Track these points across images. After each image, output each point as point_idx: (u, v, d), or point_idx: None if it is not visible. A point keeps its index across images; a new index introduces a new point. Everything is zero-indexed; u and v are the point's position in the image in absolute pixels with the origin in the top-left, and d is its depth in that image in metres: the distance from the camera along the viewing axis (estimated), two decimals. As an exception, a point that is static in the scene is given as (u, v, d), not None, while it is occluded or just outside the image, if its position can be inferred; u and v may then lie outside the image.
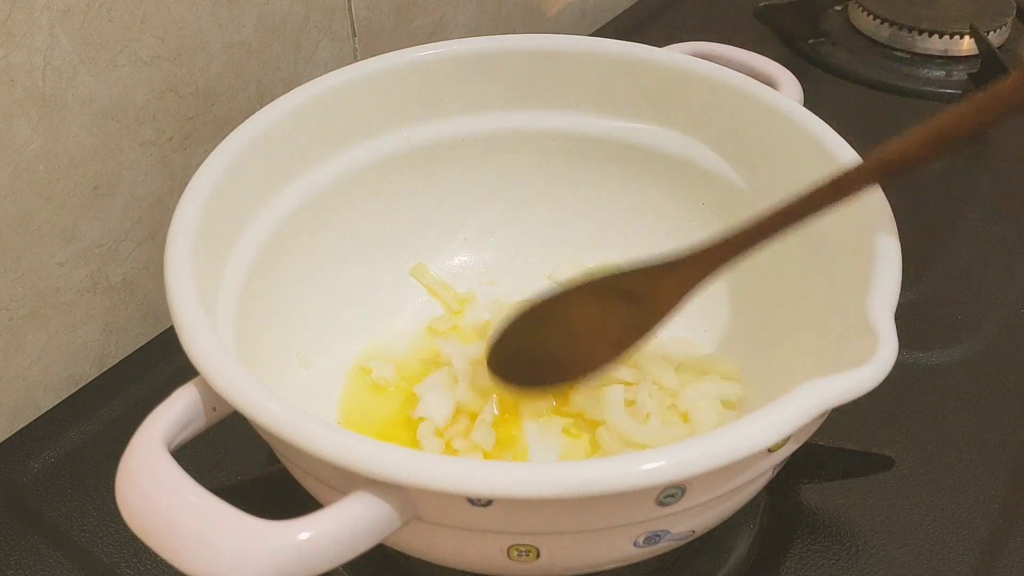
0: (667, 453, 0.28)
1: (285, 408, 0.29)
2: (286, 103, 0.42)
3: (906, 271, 0.34)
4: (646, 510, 0.30)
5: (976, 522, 0.41)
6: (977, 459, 0.43)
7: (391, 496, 0.28)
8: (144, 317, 0.50)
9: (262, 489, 0.40)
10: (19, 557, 0.40)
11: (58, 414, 0.46)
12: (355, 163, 0.46)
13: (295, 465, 0.33)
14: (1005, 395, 0.46)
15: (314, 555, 0.27)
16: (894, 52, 0.69)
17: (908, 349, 0.32)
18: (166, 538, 0.28)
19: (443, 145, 0.48)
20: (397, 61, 0.45)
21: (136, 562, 0.40)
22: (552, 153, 0.49)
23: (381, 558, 0.36)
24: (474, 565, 0.33)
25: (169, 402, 0.31)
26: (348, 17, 0.54)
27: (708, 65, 0.45)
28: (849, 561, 0.40)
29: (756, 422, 0.29)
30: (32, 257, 0.43)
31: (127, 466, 0.29)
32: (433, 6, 0.60)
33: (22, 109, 0.40)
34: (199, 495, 0.28)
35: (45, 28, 0.40)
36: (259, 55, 0.49)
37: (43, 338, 0.45)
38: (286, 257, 0.43)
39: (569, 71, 0.47)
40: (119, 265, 0.47)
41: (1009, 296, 0.51)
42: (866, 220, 0.36)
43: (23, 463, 0.44)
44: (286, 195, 0.43)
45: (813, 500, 0.42)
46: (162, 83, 0.45)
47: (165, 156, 0.47)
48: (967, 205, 0.57)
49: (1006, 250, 0.54)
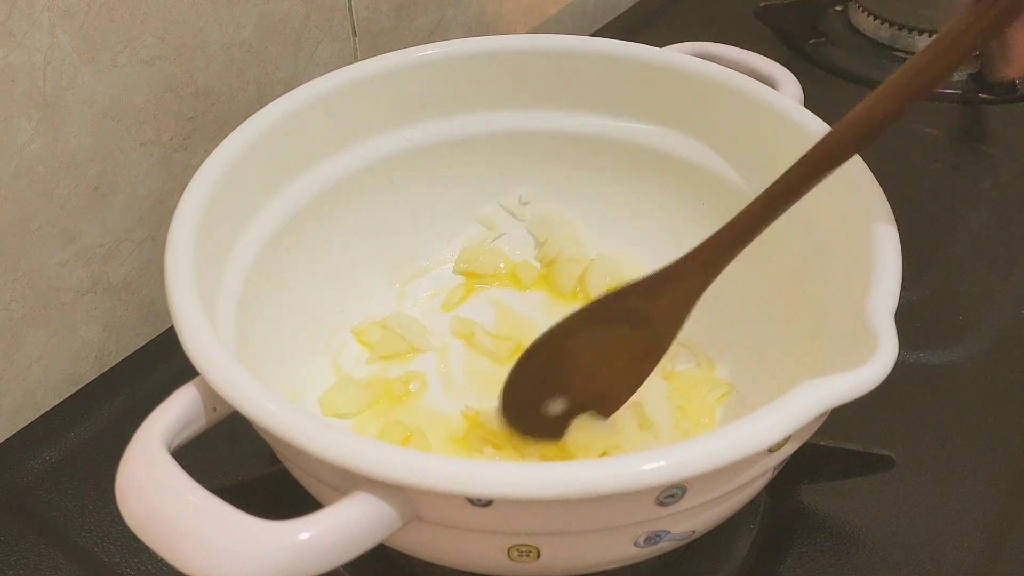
0: (667, 453, 0.28)
1: (285, 408, 0.29)
2: (286, 103, 0.42)
3: (906, 271, 0.34)
4: (646, 510, 0.30)
5: (976, 522, 0.41)
6: (977, 459, 0.43)
7: (391, 496, 0.28)
8: (144, 317, 0.50)
9: (262, 489, 0.40)
10: (19, 557, 0.40)
11: (58, 414, 0.46)
12: (355, 163, 0.46)
13: (295, 465, 0.33)
14: (1005, 395, 0.46)
15: (314, 555, 0.27)
16: (894, 52, 0.69)
17: (908, 349, 0.32)
18: (166, 538, 0.28)
19: (443, 145, 0.48)
20: (397, 61, 0.45)
21: (136, 562, 0.40)
22: (552, 153, 0.49)
23: (381, 558, 0.36)
24: (474, 565, 0.33)
25: (169, 402, 0.31)
26: (348, 17, 0.54)
27: (708, 65, 0.45)
28: (849, 561, 0.40)
29: (756, 422, 0.29)
30: (32, 257, 0.43)
31: (127, 466, 0.29)
32: (433, 6, 0.59)
33: (22, 109, 0.40)
34: (199, 495, 0.28)
35: (45, 28, 0.40)
36: (259, 55, 0.49)
37: (43, 338, 0.45)
38: (286, 257, 0.43)
39: (569, 71, 0.47)
40: (119, 265, 0.47)
41: (1009, 296, 0.51)
42: (866, 220, 0.36)
43: (23, 463, 0.44)
44: (286, 195, 0.43)
45: (813, 500, 0.42)
46: (162, 83, 0.45)
47: (165, 156, 0.47)
48: (967, 205, 0.57)
49: (1006, 250, 0.54)
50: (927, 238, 0.55)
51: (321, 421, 0.29)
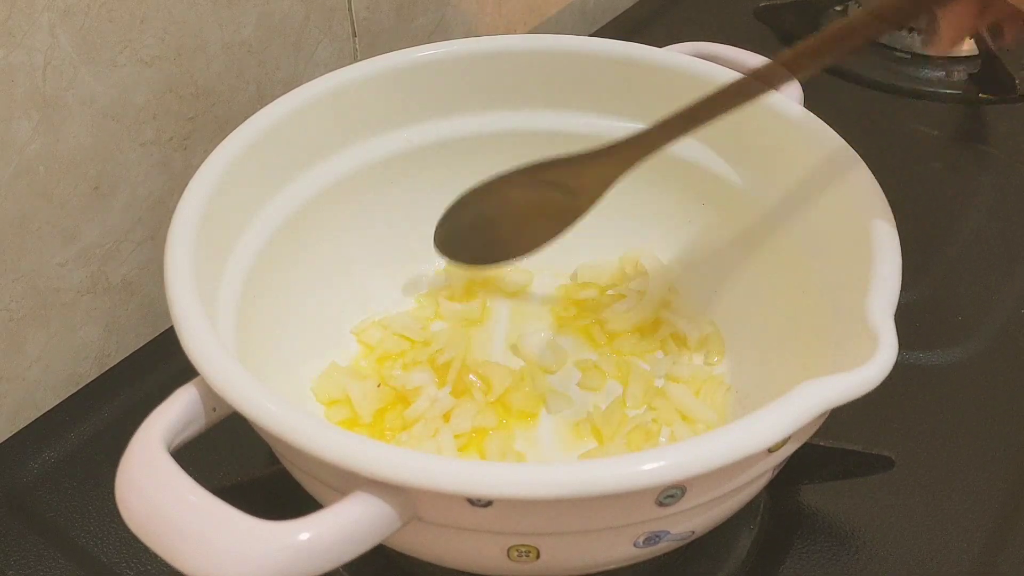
0: (667, 453, 0.28)
1: (285, 408, 0.29)
2: (286, 103, 0.42)
3: (906, 271, 0.34)
4: (646, 510, 0.30)
5: (976, 522, 0.41)
6: (977, 459, 0.43)
7: (391, 497, 0.28)
8: (144, 317, 0.50)
9: (262, 489, 0.40)
10: (19, 557, 0.40)
11: (58, 414, 0.46)
12: (355, 163, 0.46)
13: (295, 465, 0.33)
14: (1005, 395, 0.46)
15: (314, 555, 0.27)
16: (894, 52, 0.69)
17: (908, 349, 0.32)
18: (166, 538, 0.28)
19: (443, 145, 0.48)
20: (397, 61, 0.45)
21: (136, 562, 0.40)
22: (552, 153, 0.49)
23: (381, 558, 0.36)
24: (474, 565, 0.33)
25: (169, 402, 0.31)
26: (348, 17, 0.54)
27: (708, 65, 0.45)
28: (849, 561, 0.40)
29: (756, 422, 0.29)
30: (32, 257, 0.43)
31: (127, 466, 0.29)
32: (433, 6, 0.59)
33: (23, 109, 0.40)
34: (199, 495, 0.28)
35: (45, 28, 0.40)
36: (259, 55, 0.49)
37: (43, 338, 0.45)
38: (286, 257, 0.43)
39: (569, 71, 0.47)
40: (119, 265, 0.47)
41: (1009, 296, 0.51)
42: (866, 220, 0.36)
43: (23, 463, 0.44)
44: (286, 195, 0.43)
45: (813, 500, 0.42)
46: (162, 83, 0.45)
47: (165, 156, 0.47)
48: (967, 205, 0.57)
49: (1006, 250, 0.54)
50: (927, 238, 0.55)
51: (321, 421, 0.29)
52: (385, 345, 0.46)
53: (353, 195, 0.46)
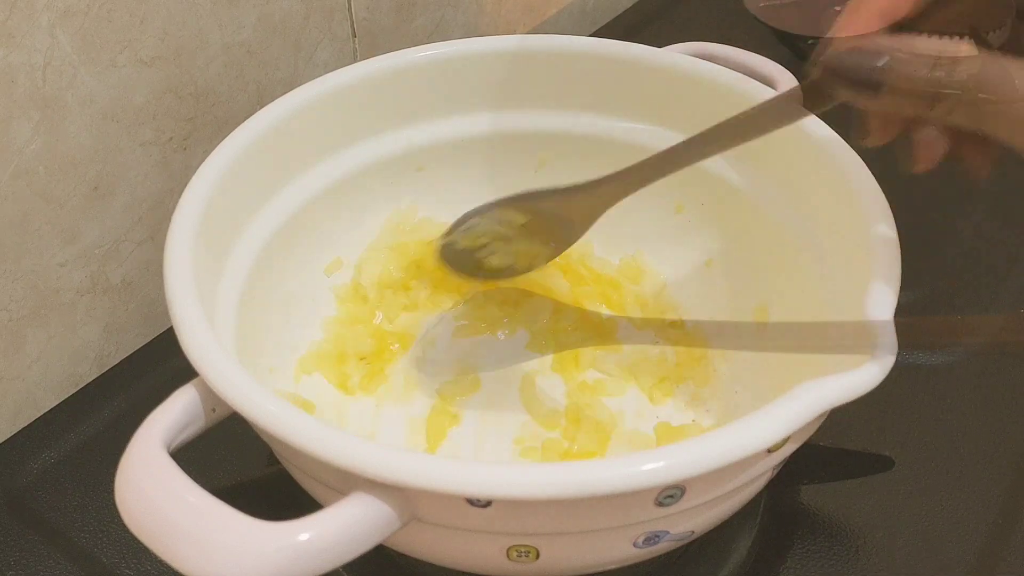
0: (667, 453, 0.28)
1: (285, 408, 0.29)
2: (286, 104, 0.42)
3: (905, 271, 0.34)
4: (645, 511, 0.30)
5: (976, 522, 0.41)
6: (977, 459, 0.43)
7: (390, 497, 0.28)
8: (144, 317, 0.50)
9: (262, 490, 0.40)
10: (19, 557, 0.40)
11: (58, 414, 0.46)
12: (355, 163, 0.46)
13: (295, 466, 0.33)
14: (1005, 395, 0.46)
15: (314, 556, 0.27)
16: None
17: (908, 349, 0.32)
18: (165, 539, 0.28)
19: (443, 145, 0.48)
20: (397, 61, 0.45)
21: (136, 562, 0.40)
22: (552, 153, 0.49)
23: (381, 558, 0.36)
24: (474, 566, 0.33)
25: (169, 403, 0.31)
26: (348, 17, 0.54)
27: (708, 65, 0.45)
28: (849, 561, 0.40)
29: (756, 422, 0.29)
30: (32, 257, 0.43)
31: (126, 467, 0.29)
32: (433, 6, 0.59)
33: (22, 109, 0.40)
34: (198, 496, 0.28)
35: (45, 28, 0.40)
36: (259, 56, 0.49)
37: (43, 338, 0.45)
38: (286, 257, 0.43)
39: (568, 71, 0.47)
40: (119, 266, 0.47)
41: (1009, 296, 0.51)
42: (865, 221, 0.36)
43: (23, 463, 0.44)
44: (286, 195, 0.43)
45: (813, 500, 0.42)
46: (162, 83, 0.45)
47: (165, 156, 0.47)
48: (967, 205, 0.57)
49: (1006, 250, 0.54)
50: (927, 238, 0.55)
51: (321, 422, 0.29)
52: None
53: (353, 195, 0.46)
